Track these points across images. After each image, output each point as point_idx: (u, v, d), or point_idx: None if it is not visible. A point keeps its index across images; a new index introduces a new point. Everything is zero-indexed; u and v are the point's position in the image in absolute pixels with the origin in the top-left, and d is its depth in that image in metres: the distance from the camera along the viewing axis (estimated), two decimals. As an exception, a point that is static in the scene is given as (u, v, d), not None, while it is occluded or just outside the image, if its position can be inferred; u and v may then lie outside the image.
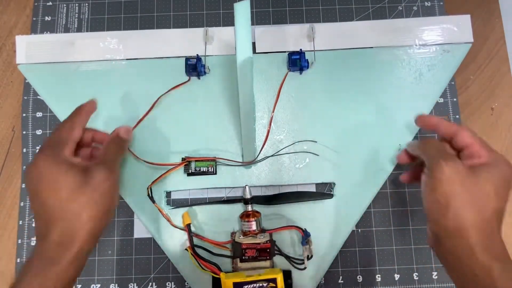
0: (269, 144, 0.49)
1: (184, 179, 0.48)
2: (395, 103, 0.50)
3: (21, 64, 0.51)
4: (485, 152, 0.37)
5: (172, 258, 0.47)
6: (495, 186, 0.35)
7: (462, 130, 0.38)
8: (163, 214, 0.47)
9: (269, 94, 0.50)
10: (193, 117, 0.50)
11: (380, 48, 0.51)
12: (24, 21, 0.55)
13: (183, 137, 0.49)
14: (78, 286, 0.48)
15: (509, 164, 0.36)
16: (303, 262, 0.44)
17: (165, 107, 0.50)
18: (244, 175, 0.49)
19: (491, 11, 0.55)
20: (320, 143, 0.49)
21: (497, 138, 0.52)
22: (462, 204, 0.34)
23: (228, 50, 0.51)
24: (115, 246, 0.49)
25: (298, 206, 0.48)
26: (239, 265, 0.44)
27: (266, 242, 0.44)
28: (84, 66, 0.51)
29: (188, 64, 0.49)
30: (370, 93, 0.50)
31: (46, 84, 0.51)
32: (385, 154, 0.49)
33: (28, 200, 0.50)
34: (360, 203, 0.48)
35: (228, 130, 0.49)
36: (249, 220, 0.44)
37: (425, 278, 0.48)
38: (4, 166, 0.52)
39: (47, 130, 0.52)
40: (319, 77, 0.51)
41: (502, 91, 0.53)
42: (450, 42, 0.51)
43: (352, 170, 0.48)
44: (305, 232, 0.45)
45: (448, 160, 0.35)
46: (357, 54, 0.51)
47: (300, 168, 0.49)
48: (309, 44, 0.51)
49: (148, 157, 0.48)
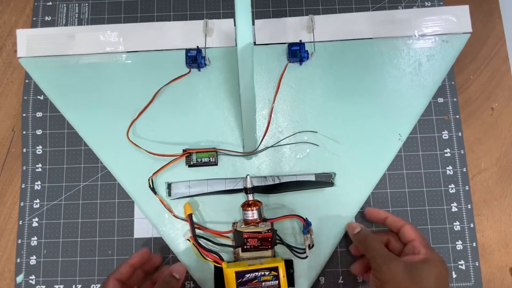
0: (270, 135, 0.49)
1: (185, 170, 0.48)
2: (394, 93, 0.50)
3: (22, 58, 0.51)
4: (424, 249, 0.40)
5: (174, 248, 0.47)
6: (433, 284, 0.37)
7: (406, 226, 0.43)
8: (164, 205, 0.47)
9: (269, 86, 0.50)
10: (194, 109, 0.50)
11: (379, 39, 0.52)
12: (24, 21, 0.55)
13: (184, 129, 0.49)
14: (78, 286, 0.48)
15: (444, 264, 0.39)
16: (304, 251, 0.45)
17: (166, 99, 0.50)
18: (245, 166, 0.49)
19: (491, 11, 0.55)
20: (320, 134, 0.49)
21: (497, 138, 0.52)
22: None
23: (228, 42, 0.52)
24: (115, 246, 0.49)
25: (299, 196, 0.48)
26: (241, 254, 0.44)
27: (267, 231, 0.44)
28: (85, 59, 0.51)
29: (188, 56, 0.50)
30: (370, 83, 0.50)
31: (47, 77, 0.51)
32: (385, 143, 0.49)
33: (28, 200, 0.50)
34: (360, 193, 0.48)
35: (229, 121, 0.50)
36: (250, 209, 0.45)
37: (425, 278, 0.48)
38: (4, 166, 0.52)
39: (47, 130, 0.52)
40: (319, 68, 0.51)
41: (502, 91, 0.53)
42: (449, 32, 0.52)
43: (352, 160, 0.49)
44: (306, 221, 0.45)
45: (389, 263, 0.39)
46: (356, 45, 0.52)
47: (301, 158, 0.49)
48: (309, 36, 0.51)
49: (149, 148, 0.48)
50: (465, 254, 0.49)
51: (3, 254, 0.49)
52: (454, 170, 0.51)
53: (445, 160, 0.51)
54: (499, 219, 0.50)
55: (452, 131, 0.52)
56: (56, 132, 0.52)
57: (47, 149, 0.51)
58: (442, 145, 0.51)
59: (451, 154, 0.51)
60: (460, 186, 0.50)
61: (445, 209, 0.50)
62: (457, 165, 0.51)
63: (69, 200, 0.50)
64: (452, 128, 0.52)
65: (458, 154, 0.51)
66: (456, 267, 0.48)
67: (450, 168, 0.51)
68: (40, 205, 0.50)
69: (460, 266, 0.48)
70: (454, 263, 0.49)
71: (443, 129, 0.52)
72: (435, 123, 0.52)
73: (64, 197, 0.50)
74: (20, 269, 0.49)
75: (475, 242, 0.49)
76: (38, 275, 0.48)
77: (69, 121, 0.50)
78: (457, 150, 0.51)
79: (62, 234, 0.49)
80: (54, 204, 0.50)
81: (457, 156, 0.51)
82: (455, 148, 0.51)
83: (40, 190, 0.50)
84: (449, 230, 0.49)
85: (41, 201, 0.50)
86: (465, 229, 0.49)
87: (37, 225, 0.49)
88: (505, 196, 0.51)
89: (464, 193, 0.50)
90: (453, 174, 0.51)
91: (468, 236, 0.49)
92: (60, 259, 0.49)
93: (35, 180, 0.51)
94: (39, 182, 0.50)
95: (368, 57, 0.51)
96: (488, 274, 0.49)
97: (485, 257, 0.49)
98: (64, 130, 0.52)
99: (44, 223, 0.49)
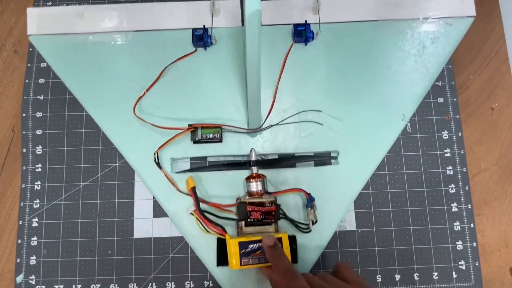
0: (274, 114, 0.50)
1: (190, 146, 0.49)
2: (398, 74, 0.51)
3: (32, 35, 0.52)
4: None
5: (178, 223, 0.48)
6: None
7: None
8: (169, 179, 0.47)
9: (275, 65, 0.51)
10: (199, 87, 0.50)
11: (384, 21, 0.52)
12: (24, 21, 0.55)
13: (190, 106, 0.50)
14: (78, 286, 0.48)
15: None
16: (307, 226, 0.45)
17: (172, 77, 0.51)
18: (249, 144, 0.49)
19: (491, 11, 0.55)
20: (325, 113, 0.49)
21: (497, 138, 0.52)
22: None
23: (234, 23, 0.52)
24: (115, 246, 0.49)
25: (302, 174, 0.48)
26: (244, 229, 0.45)
27: (271, 204, 0.44)
28: (93, 37, 0.52)
29: (194, 35, 0.50)
30: (374, 65, 0.51)
31: (56, 54, 0.52)
32: (388, 123, 0.50)
33: (28, 200, 0.50)
34: (363, 172, 0.49)
35: (234, 100, 0.50)
36: (254, 180, 0.45)
37: (425, 279, 0.48)
38: (4, 166, 0.52)
39: (47, 130, 0.52)
40: (324, 49, 0.51)
41: (502, 91, 0.53)
42: (453, 15, 0.52)
43: (356, 139, 0.49)
44: (310, 196, 0.46)
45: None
46: (361, 27, 0.52)
47: (305, 137, 0.49)
48: (314, 17, 0.52)
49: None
50: (465, 254, 0.49)
51: (3, 254, 0.49)
52: (454, 170, 0.51)
53: (445, 160, 0.51)
54: (499, 219, 0.50)
55: (452, 131, 0.52)
56: (56, 132, 0.52)
57: (47, 149, 0.51)
58: (442, 145, 0.51)
59: (451, 154, 0.51)
60: (460, 186, 0.50)
61: (445, 209, 0.50)
62: (457, 165, 0.51)
63: (69, 200, 0.50)
64: (452, 128, 0.52)
65: (458, 154, 0.51)
66: (456, 267, 0.48)
67: (450, 168, 0.51)
68: (40, 205, 0.50)
69: (460, 266, 0.48)
70: (454, 263, 0.49)
71: (443, 129, 0.52)
72: (435, 123, 0.52)
73: (64, 197, 0.50)
74: (20, 269, 0.49)
75: (475, 242, 0.49)
76: (38, 275, 0.48)
77: (76, 97, 0.51)
78: (457, 150, 0.51)
79: (62, 234, 0.49)
80: (54, 204, 0.50)
81: (457, 156, 0.51)
82: (455, 148, 0.51)
83: (40, 190, 0.50)
84: (449, 230, 0.49)
85: (41, 201, 0.50)
86: (465, 229, 0.49)
87: (37, 225, 0.49)
88: (505, 196, 0.51)
89: (464, 193, 0.50)
90: (453, 174, 0.51)
91: (468, 236, 0.49)
92: (60, 259, 0.49)
93: (35, 180, 0.51)
94: (39, 182, 0.50)
95: (372, 39, 0.52)
96: (488, 274, 0.49)
97: (485, 257, 0.49)
98: (64, 130, 0.52)
99: (44, 223, 0.49)
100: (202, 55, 0.51)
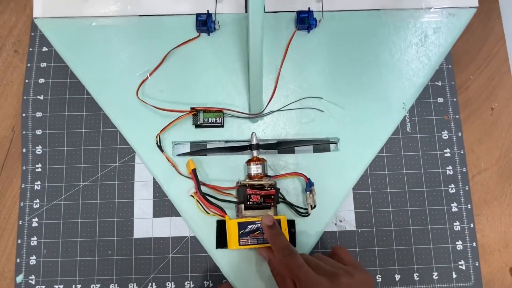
0: (276, 100, 0.50)
1: (192, 131, 0.49)
2: (400, 62, 0.51)
3: (38, 18, 0.52)
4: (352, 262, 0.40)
5: (178, 206, 0.48)
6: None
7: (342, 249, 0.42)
8: (170, 162, 0.48)
9: (277, 52, 0.51)
10: (202, 72, 0.51)
11: (386, 10, 0.52)
12: (24, 21, 0.55)
13: (192, 91, 0.50)
14: (78, 286, 0.48)
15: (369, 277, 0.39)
16: (306, 211, 0.46)
17: (175, 61, 0.51)
18: (250, 129, 0.50)
19: (491, 11, 0.55)
20: (326, 100, 0.50)
21: (497, 138, 0.52)
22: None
23: (238, 9, 0.52)
24: (115, 246, 0.49)
25: (303, 160, 0.49)
26: (244, 212, 0.45)
27: (270, 188, 0.45)
28: (98, 21, 0.52)
29: (198, 20, 0.50)
30: (376, 53, 0.51)
31: (62, 37, 0.52)
32: (389, 111, 0.50)
33: (28, 200, 0.50)
34: (363, 159, 0.49)
35: (236, 85, 0.50)
36: (254, 163, 0.46)
37: (425, 279, 0.48)
38: (4, 166, 0.52)
39: (47, 130, 0.52)
40: (326, 36, 0.52)
41: (502, 91, 0.53)
42: (456, 6, 0.52)
43: (356, 126, 0.49)
44: (309, 180, 0.46)
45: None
46: (364, 16, 0.52)
47: (306, 123, 0.50)
48: (317, 5, 0.52)
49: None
50: (465, 254, 0.49)
51: (3, 254, 0.49)
52: (454, 170, 0.51)
53: (445, 160, 0.51)
54: (499, 219, 0.50)
55: (452, 131, 0.52)
56: (56, 132, 0.52)
57: (47, 149, 0.51)
58: (442, 145, 0.51)
59: (451, 154, 0.51)
60: (460, 186, 0.50)
61: (445, 209, 0.50)
62: (457, 165, 0.51)
63: (69, 200, 0.50)
64: (452, 128, 0.52)
65: (458, 154, 0.51)
66: (456, 267, 0.48)
67: (450, 168, 0.51)
68: (40, 205, 0.50)
69: (460, 266, 0.48)
70: (454, 263, 0.49)
71: (443, 129, 0.52)
72: (435, 123, 0.52)
73: (64, 197, 0.50)
74: (20, 269, 0.49)
75: (475, 242, 0.49)
76: (38, 275, 0.48)
77: (80, 80, 0.51)
78: (457, 150, 0.51)
79: (62, 234, 0.49)
80: (54, 204, 0.50)
81: (457, 156, 0.51)
82: (455, 148, 0.51)
83: (40, 190, 0.50)
84: (449, 230, 0.49)
85: (41, 201, 0.50)
86: (465, 229, 0.49)
87: (37, 225, 0.50)
88: (505, 196, 0.51)
89: (464, 193, 0.50)
90: (453, 174, 0.51)
91: (468, 236, 0.49)
92: (60, 259, 0.49)
93: (35, 180, 0.51)
94: (39, 182, 0.50)
95: (375, 27, 0.52)
96: (488, 274, 0.49)
97: (485, 257, 0.49)
98: (64, 130, 0.52)
99: (44, 223, 0.49)
100: (205, 40, 0.51)
